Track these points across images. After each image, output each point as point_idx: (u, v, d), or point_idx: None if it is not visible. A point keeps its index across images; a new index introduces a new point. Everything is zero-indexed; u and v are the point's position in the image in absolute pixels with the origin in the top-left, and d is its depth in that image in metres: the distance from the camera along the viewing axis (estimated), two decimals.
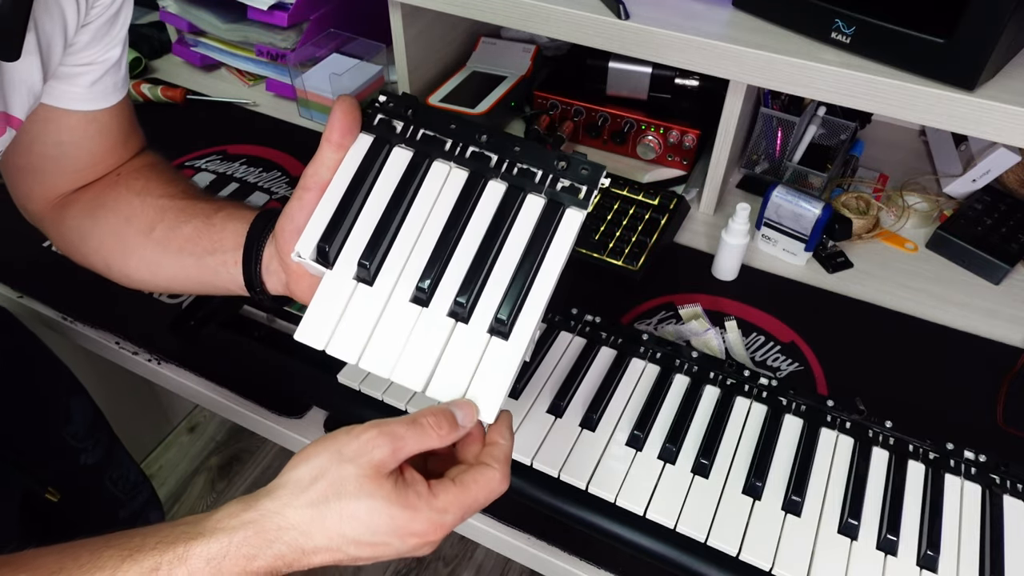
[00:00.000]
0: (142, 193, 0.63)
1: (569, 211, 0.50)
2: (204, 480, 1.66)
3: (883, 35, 0.70)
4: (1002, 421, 0.69)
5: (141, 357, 0.79)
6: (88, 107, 0.60)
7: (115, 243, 0.62)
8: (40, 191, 0.64)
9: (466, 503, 0.45)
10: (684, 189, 0.96)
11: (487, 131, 0.51)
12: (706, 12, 0.80)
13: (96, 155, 0.63)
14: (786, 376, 0.73)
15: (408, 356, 0.49)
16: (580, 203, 0.50)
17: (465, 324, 0.50)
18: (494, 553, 1.46)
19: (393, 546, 0.44)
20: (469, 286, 0.49)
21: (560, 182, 0.51)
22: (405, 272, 0.50)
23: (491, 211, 0.51)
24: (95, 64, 0.58)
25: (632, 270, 0.81)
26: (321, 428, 0.73)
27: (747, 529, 0.57)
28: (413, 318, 0.50)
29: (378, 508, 0.43)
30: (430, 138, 0.52)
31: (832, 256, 0.86)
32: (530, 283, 0.49)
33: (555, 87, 1.02)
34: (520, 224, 0.50)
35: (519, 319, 0.49)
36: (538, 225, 0.50)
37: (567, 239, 0.50)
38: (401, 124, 0.52)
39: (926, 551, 0.56)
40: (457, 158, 0.52)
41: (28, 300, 0.84)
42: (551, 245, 0.50)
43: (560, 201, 0.51)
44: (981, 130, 0.69)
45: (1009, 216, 0.87)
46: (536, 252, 0.50)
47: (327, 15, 1.11)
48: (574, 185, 0.50)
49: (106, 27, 0.58)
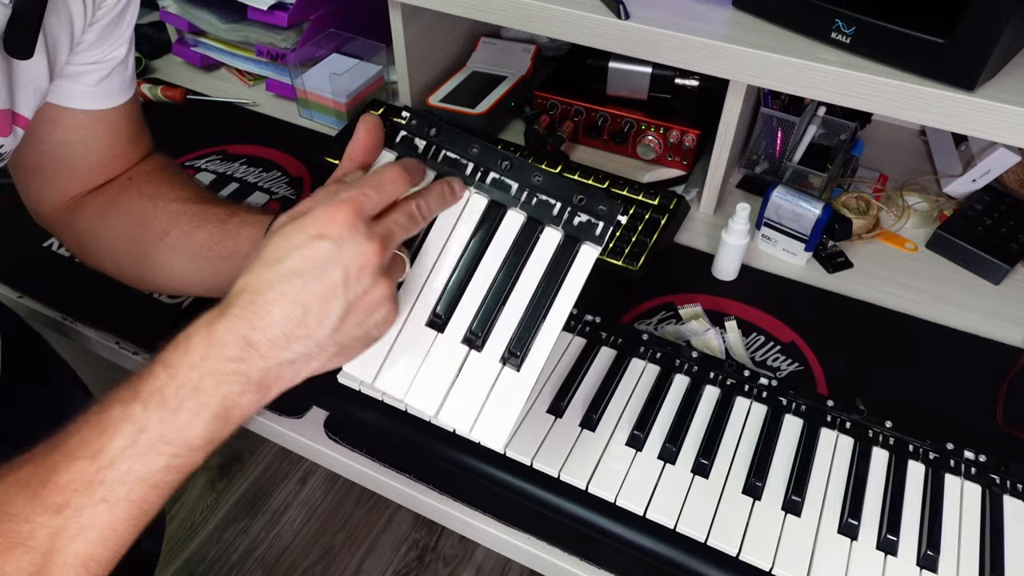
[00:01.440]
0: (154, 197, 0.63)
1: (584, 247, 0.51)
2: (204, 480, 1.66)
3: (883, 35, 0.70)
4: (1002, 421, 0.69)
5: (141, 357, 0.79)
6: (95, 106, 0.60)
7: (128, 247, 0.63)
8: (50, 193, 0.64)
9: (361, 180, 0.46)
10: (684, 189, 0.96)
11: (509, 159, 0.52)
12: (706, 12, 0.80)
13: (105, 155, 0.63)
14: (786, 376, 0.73)
15: (422, 380, 0.50)
16: (596, 240, 0.51)
17: (479, 352, 0.50)
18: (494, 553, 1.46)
19: (312, 250, 0.43)
20: (485, 315, 0.50)
21: (578, 217, 0.51)
22: (422, 296, 0.51)
23: (509, 240, 0.51)
24: (102, 63, 0.59)
25: (632, 270, 0.81)
26: (321, 428, 0.73)
27: (747, 529, 0.57)
28: (428, 342, 0.51)
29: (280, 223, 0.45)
30: (452, 160, 0.52)
31: (832, 256, 0.86)
32: (544, 316, 0.50)
33: (555, 87, 1.02)
34: (537, 256, 0.51)
35: (531, 351, 0.50)
36: (554, 259, 0.51)
37: (581, 275, 0.51)
38: (423, 143, 0.53)
39: (926, 551, 0.56)
40: (478, 183, 0.52)
41: (28, 300, 0.84)
42: (566, 279, 0.51)
43: (577, 236, 0.51)
44: (981, 130, 0.69)
45: (1009, 216, 0.87)
46: (552, 286, 0.50)
47: (327, 15, 1.11)
48: (591, 221, 0.51)
49: (112, 26, 0.58)
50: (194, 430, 0.42)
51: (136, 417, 0.41)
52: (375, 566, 1.52)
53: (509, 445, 0.62)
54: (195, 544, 1.55)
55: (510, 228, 0.52)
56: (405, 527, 1.58)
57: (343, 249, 0.43)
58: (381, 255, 0.44)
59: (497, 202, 0.52)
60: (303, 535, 1.57)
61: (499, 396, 0.50)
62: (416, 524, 1.58)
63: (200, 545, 1.55)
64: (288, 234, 0.44)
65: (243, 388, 0.43)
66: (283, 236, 0.44)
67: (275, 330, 0.43)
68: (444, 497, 0.67)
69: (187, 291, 0.64)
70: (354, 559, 1.53)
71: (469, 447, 0.63)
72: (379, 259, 0.44)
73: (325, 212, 0.44)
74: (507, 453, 0.62)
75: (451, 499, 0.66)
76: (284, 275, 0.43)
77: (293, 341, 0.43)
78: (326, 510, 1.61)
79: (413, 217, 0.48)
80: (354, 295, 0.44)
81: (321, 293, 0.43)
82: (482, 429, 0.50)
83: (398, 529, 1.58)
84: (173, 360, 0.43)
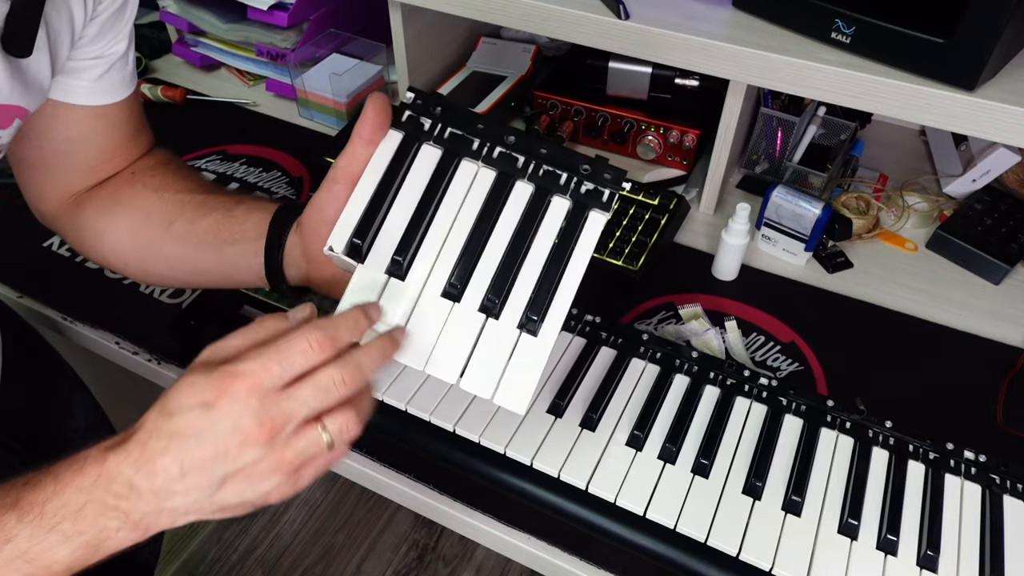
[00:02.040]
0: (159, 189, 0.63)
1: (592, 213, 0.52)
2: None
3: (883, 35, 0.70)
4: (1002, 421, 0.69)
5: (141, 357, 0.79)
6: (96, 102, 0.60)
7: (133, 239, 0.63)
8: (52, 190, 0.64)
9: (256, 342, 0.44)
10: (684, 189, 0.96)
11: (514, 132, 0.53)
12: (706, 12, 0.80)
13: (106, 151, 0.63)
14: (786, 376, 0.73)
15: (441, 349, 0.51)
16: (603, 206, 0.52)
17: (496, 320, 0.51)
18: (494, 553, 1.46)
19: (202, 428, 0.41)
20: (499, 282, 0.51)
21: (584, 185, 0.52)
22: (436, 267, 0.52)
23: (519, 210, 0.52)
24: (102, 58, 0.59)
25: (632, 270, 0.81)
26: None
27: (747, 529, 0.57)
28: (445, 312, 0.51)
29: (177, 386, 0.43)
30: (458, 137, 0.53)
31: (832, 256, 0.86)
32: (558, 281, 0.51)
33: (555, 87, 1.02)
34: (547, 224, 0.52)
35: (548, 316, 0.51)
36: (565, 226, 0.52)
37: (591, 240, 0.52)
38: (429, 122, 0.53)
39: (926, 551, 0.56)
40: (485, 157, 0.53)
41: (28, 300, 0.84)
42: (576, 245, 0.52)
43: (584, 203, 0.52)
44: (981, 130, 0.69)
45: (1009, 216, 0.87)
46: (563, 251, 0.51)
47: (327, 15, 1.11)
48: (597, 188, 0.52)
49: (112, 20, 0.58)
50: (60, 554, 0.41)
51: (7, 527, 0.41)
52: (375, 566, 1.52)
53: (509, 445, 0.62)
54: (195, 544, 1.55)
55: (519, 199, 0.53)
56: (405, 527, 1.58)
57: (224, 424, 0.41)
58: (270, 433, 0.42)
59: (505, 174, 0.53)
60: (303, 535, 1.56)
61: (519, 361, 0.50)
62: (416, 524, 1.58)
63: (200, 545, 1.55)
64: (187, 389, 0.43)
65: (121, 525, 0.42)
66: (187, 387, 0.43)
67: (157, 480, 0.42)
68: (444, 497, 0.67)
69: (191, 283, 0.64)
70: (354, 559, 1.53)
71: (469, 447, 0.63)
72: (266, 436, 0.42)
73: (221, 382, 0.42)
74: (507, 453, 0.62)
75: (451, 499, 0.66)
76: (172, 432, 0.42)
77: (172, 495, 0.42)
78: (326, 510, 1.61)
79: (328, 391, 0.43)
80: (233, 468, 0.42)
81: (200, 459, 0.42)
82: (504, 394, 0.50)
83: (398, 529, 1.58)
84: (64, 477, 0.42)
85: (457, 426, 0.63)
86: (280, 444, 0.42)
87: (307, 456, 0.44)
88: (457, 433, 0.64)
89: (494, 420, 0.64)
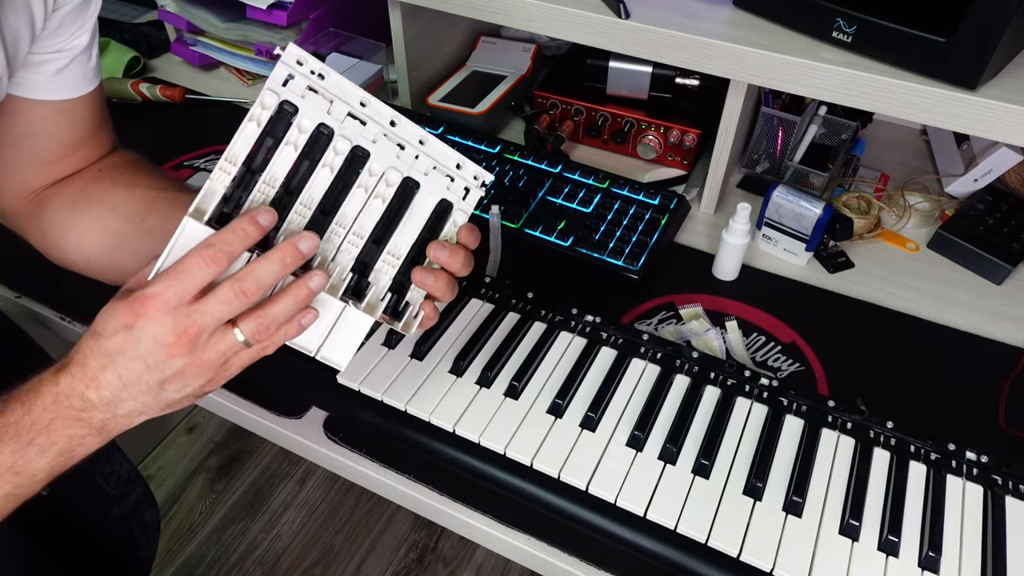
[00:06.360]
0: (130, 186, 0.63)
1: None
2: (203, 481, 1.65)
3: (884, 34, 0.69)
4: (1004, 422, 0.69)
5: None
6: (56, 96, 0.60)
7: (99, 235, 0.63)
8: (12, 185, 0.64)
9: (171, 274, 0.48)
10: (684, 189, 0.96)
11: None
12: (707, 11, 0.80)
13: (68, 146, 0.63)
14: (787, 376, 0.73)
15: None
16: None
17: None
18: (494, 554, 1.46)
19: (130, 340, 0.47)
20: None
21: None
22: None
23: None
24: (62, 52, 0.58)
25: (632, 270, 0.80)
26: (321, 428, 0.72)
27: (748, 530, 0.57)
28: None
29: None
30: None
31: (833, 256, 0.86)
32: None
33: (555, 87, 1.02)
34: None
35: None
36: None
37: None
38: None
39: (928, 552, 0.55)
40: None
41: (26, 300, 0.84)
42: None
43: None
44: (983, 129, 0.69)
45: (1011, 216, 0.87)
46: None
47: (326, 14, 1.11)
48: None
49: (75, 13, 0.57)
50: (40, 463, 0.48)
51: None
52: (375, 567, 1.51)
53: (509, 445, 0.62)
54: (194, 545, 1.54)
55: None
56: (405, 527, 1.57)
57: (146, 341, 0.47)
58: (189, 341, 0.48)
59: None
60: (302, 536, 1.56)
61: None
62: (416, 524, 1.58)
63: (199, 546, 1.54)
64: (108, 315, 0.48)
65: (87, 432, 0.49)
66: (109, 313, 0.48)
67: (105, 392, 0.48)
68: (444, 497, 0.66)
69: None
70: (354, 560, 1.52)
71: (469, 447, 0.63)
72: (186, 345, 0.48)
73: (133, 305, 0.47)
74: (507, 453, 0.62)
75: (451, 500, 0.66)
76: (105, 351, 0.48)
77: (122, 402, 0.49)
78: (325, 510, 1.61)
79: (230, 301, 0.49)
80: (163, 375, 0.48)
81: (135, 371, 0.48)
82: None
83: (398, 529, 1.57)
84: (28, 400, 0.48)
85: (457, 426, 0.63)
86: (200, 349, 0.48)
87: (229, 354, 0.50)
88: (457, 433, 0.63)
89: (494, 420, 0.63)
